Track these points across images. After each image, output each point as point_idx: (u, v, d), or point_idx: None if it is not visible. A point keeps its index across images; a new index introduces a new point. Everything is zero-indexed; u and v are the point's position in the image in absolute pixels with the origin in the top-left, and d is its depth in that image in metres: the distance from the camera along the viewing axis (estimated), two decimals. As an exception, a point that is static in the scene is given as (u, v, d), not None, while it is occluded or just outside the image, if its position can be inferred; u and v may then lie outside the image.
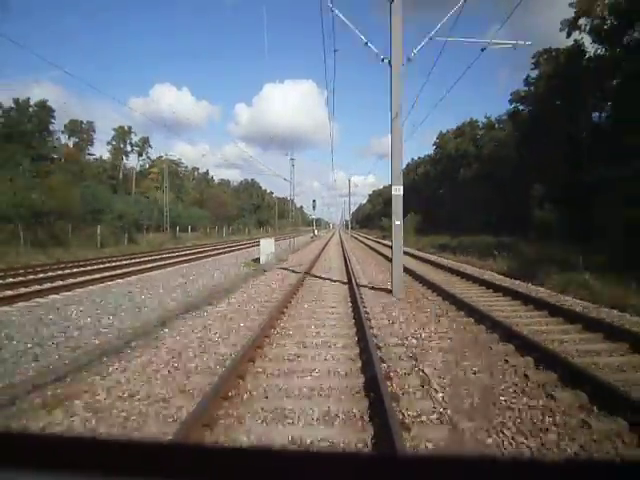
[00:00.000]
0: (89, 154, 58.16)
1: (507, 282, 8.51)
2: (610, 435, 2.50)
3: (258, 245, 22.98)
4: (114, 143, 60.38)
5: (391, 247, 7.13)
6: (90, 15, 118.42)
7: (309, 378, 3.46)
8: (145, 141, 63.16)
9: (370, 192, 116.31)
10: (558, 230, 19.94)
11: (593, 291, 6.82)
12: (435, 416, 2.75)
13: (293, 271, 11.15)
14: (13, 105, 38.95)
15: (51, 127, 42.30)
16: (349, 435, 2.52)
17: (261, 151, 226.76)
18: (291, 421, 2.71)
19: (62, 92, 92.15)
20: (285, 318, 5.61)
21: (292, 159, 24.31)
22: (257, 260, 15.23)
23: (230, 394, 3.06)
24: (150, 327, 5.21)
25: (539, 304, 6.23)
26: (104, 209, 24.97)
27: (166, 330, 5.07)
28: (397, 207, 6.34)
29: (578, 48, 26.87)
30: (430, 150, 59.13)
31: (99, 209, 23.97)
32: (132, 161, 62.28)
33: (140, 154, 64.16)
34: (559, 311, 5.76)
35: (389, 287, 7.17)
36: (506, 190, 32.07)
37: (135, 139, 61.63)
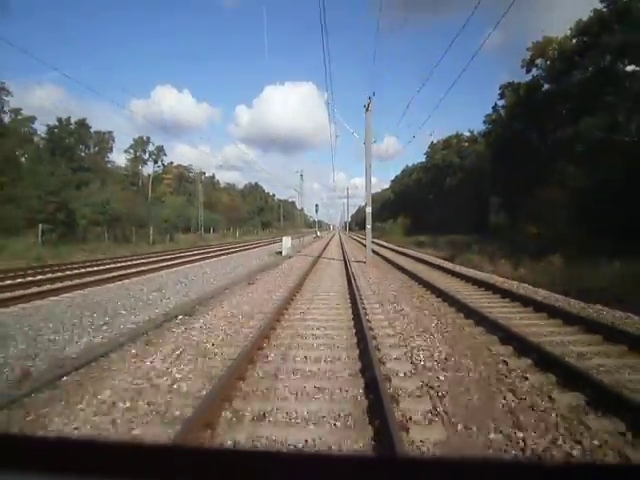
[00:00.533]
0: (107, 161, 64.09)
1: (438, 261, 14.44)
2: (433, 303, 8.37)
3: (270, 244, 28.79)
4: (131, 151, 66.26)
5: (371, 241, 13.09)
6: (91, 16, 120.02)
7: (328, 280, 9.37)
8: (160, 149, 69.18)
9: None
10: (510, 232, 25.75)
11: (475, 263, 12.73)
12: (370, 291, 8.65)
13: (309, 256, 17.09)
14: (57, 123, 44.95)
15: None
16: (342, 286, 8.46)
17: (261, 153, 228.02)
18: (325, 278, 8.67)
19: (63, 94, 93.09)
20: (313, 271, 11.53)
21: (301, 175, 30.15)
22: (279, 253, 21.06)
23: (305, 280, 8.96)
24: (242, 278, 11.09)
25: (441, 268, 12.14)
26: (152, 214, 31.08)
27: (255, 280, 10.93)
28: (368, 219, 12.26)
29: (536, 82, 32.79)
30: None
31: (149, 214, 30.07)
32: (147, 167, 68.14)
33: (155, 161, 69.94)
34: (448, 271, 11.64)
35: (364, 260, 13.14)
36: (482, 198, 37.96)
37: (151, 148, 67.62)
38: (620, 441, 2.46)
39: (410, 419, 2.76)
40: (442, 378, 3.50)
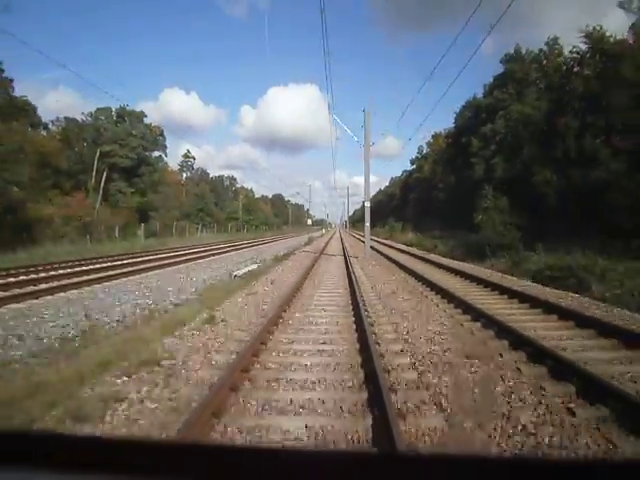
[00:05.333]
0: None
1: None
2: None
3: (306, 234, 74.81)
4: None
5: (348, 233, 58.37)
6: (99, 20, 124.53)
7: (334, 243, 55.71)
8: (234, 179, 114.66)
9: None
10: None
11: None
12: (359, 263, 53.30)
13: (329, 235, 63.45)
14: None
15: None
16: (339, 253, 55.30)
17: (265, 152, 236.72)
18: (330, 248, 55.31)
19: (72, 94, 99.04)
20: (328, 237, 57.87)
21: (325, 206, 76.15)
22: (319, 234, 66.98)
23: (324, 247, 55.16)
24: (316, 237, 57.35)
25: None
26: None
27: (324, 235, 57.01)
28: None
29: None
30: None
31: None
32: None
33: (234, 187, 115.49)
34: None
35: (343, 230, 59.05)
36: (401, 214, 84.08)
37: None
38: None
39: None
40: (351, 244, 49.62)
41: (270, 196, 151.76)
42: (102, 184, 43.07)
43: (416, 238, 32.94)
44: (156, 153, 51.68)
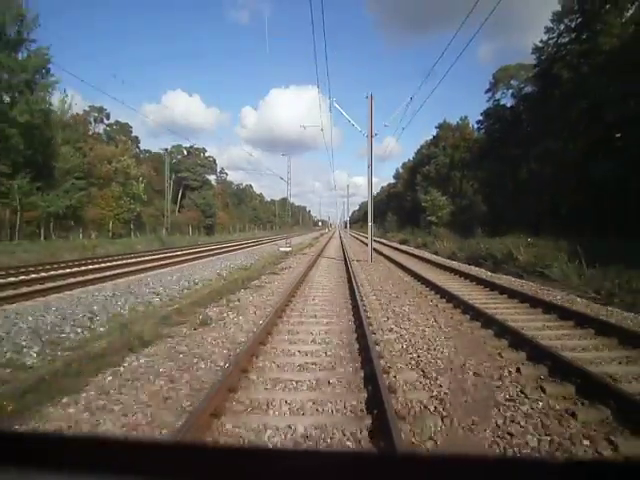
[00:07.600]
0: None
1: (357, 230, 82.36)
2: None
3: (314, 232, 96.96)
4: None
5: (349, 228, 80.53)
6: (105, 24, 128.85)
7: (336, 235, 77.77)
8: (251, 186, 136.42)
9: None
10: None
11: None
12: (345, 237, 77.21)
13: (331, 232, 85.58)
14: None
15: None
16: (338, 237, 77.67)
17: (266, 152, 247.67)
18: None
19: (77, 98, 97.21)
20: (331, 233, 79.96)
21: (329, 217, 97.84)
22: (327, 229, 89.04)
23: (332, 235, 77.36)
24: (326, 232, 79.34)
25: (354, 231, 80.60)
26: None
27: (329, 230, 78.94)
28: (341, 223, 79.20)
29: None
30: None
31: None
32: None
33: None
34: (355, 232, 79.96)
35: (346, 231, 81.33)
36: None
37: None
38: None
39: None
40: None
41: (278, 199, 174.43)
42: (179, 198, 64.78)
43: (378, 232, 60.68)
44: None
